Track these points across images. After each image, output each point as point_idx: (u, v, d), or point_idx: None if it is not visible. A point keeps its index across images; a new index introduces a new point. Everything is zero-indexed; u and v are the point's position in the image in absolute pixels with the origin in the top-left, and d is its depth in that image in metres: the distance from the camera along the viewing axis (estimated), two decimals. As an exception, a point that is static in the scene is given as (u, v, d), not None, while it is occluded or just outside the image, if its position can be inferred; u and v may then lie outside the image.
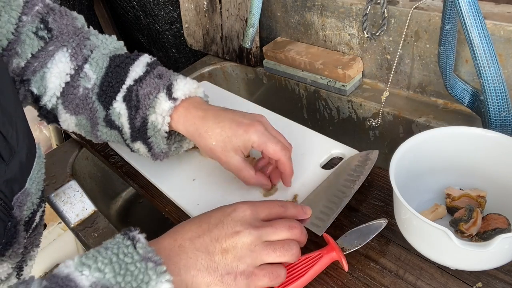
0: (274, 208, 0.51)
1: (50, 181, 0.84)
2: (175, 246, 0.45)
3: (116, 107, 0.60)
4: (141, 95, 0.59)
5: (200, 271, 0.44)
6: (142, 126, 0.60)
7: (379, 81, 0.89)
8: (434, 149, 0.56)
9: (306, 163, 0.66)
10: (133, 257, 0.40)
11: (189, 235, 0.46)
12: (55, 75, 0.60)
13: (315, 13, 0.90)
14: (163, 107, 0.58)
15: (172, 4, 1.24)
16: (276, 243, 0.47)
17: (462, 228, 0.51)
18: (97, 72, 0.61)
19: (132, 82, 0.60)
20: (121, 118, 0.61)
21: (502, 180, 0.53)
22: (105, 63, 0.62)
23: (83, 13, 1.28)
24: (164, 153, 0.63)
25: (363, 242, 0.53)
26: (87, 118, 0.63)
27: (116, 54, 0.63)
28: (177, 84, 0.60)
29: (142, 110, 0.59)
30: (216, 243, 0.45)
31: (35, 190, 0.54)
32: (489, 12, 0.68)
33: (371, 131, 0.90)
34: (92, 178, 0.96)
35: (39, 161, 0.54)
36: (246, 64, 1.08)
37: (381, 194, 0.60)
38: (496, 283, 0.47)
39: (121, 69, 0.61)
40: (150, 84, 0.59)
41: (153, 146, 0.62)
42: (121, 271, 0.39)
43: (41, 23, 0.58)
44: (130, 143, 0.63)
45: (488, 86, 0.60)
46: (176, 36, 1.29)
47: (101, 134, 0.64)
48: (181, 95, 0.59)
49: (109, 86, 0.61)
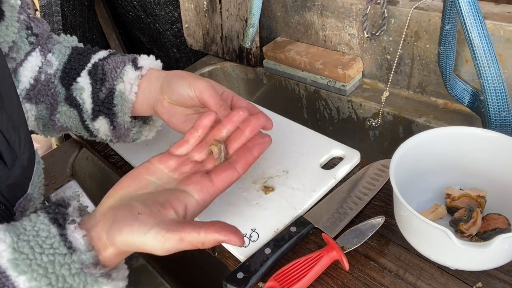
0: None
1: (50, 181, 0.84)
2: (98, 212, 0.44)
3: (80, 81, 0.62)
4: (107, 69, 0.61)
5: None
6: (108, 97, 0.61)
7: (379, 81, 0.89)
8: (434, 149, 0.56)
9: (306, 163, 0.66)
10: (70, 269, 0.39)
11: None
12: (28, 69, 0.62)
13: (315, 13, 0.90)
14: (130, 76, 0.60)
15: (172, 4, 1.24)
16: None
17: (462, 228, 0.51)
18: (59, 59, 0.64)
19: (97, 60, 0.63)
20: (83, 93, 0.62)
21: (502, 180, 0.53)
22: (68, 51, 0.65)
23: (84, 13, 1.29)
24: (126, 128, 0.63)
25: (362, 240, 0.53)
26: (47, 107, 0.63)
27: (78, 46, 0.67)
28: (141, 58, 0.63)
29: (108, 82, 0.61)
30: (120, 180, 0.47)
31: (38, 195, 0.54)
32: (489, 12, 0.68)
33: (371, 131, 0.90)
34: (92, 178, 0.96)
35: (38, 166, 0.55)
36: (246, 64, 1.08)
37: (381, 194, 0.60)
38: (496, 283, 0.47)
39: (83, 56, 0.64)
40: (115, 60, 0.62)
41: (117, 115, 0.61)
42: (58, 284, 0.38)
43: (28, 29, 0.62)
44: (90, 123, 0.63)
45: (488, 86, 0.60)
46: (176, 36, 1.29)
47: (59, 117, 0.64)
48: (146, 64, 0.62)
49: (71, 69, 0.63)
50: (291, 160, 0.67)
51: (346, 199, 0.59)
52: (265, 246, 0.54)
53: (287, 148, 0.69)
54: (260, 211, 0.60)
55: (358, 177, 0.63)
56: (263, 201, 0.62)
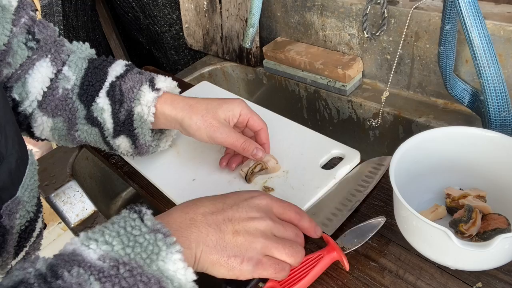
0: (289, 211, 0.50)
1: (50, 181, 0.84)
2: (186, 219, 0.44)
3: (100, 102, 0.62)
4: (124, 89, 0.62)
5: (209, 247, 0.43)
6: (128, 119, 0.62)
7: (379, 81, 0.89)
8: (434, 149, 0.56)
9: (306, 163, 0.66)
10: (141, 229, 0.40)
11: (202, 210, 0.45)
12: (37, 80, 0.61)
13: (315, 13, 0.90)
14: (148, 98, 0.61)
15: (171, 6, 1.24)
16: (286, 241, 0.47)
17: (462, 229, 0.51)
18: (76, 73, 0.63)
19: (114, 79, 0.63)
20: (104, 113, 0.62)
21: (502, 180, 0.53)
22: (84, 64, 0.64)
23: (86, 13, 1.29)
24: (147, 146, 0.65)
25: (362, 241, 0.53)
26: (65, 120, 0.63)
27: (93, 58, 0.66)
28: (158, 78, 0.64)
29: (126, 103, 0.61)
30: (229, 223, 0.45)
31: (28, 198, 0.53)
32: (489, 12, 0.68)
33: (371, 131, 0.90)
34: (92, 178, 0.96)
35: (31, 168, 0.53)
36: (246, 64, 1.08)
37: (381, 194, 0.60)
38: (496, 283, 0.47)
39: (100, 70, 0.64)
40: (132, 79, 0.62)
41: (138, 137, 0.63)
42: (129, 243, 0.39)
43: (29, 34, 0.60)
44: (111, 139, 0.64)
45: (488, 86, 0.60)
46: (175, 38, 1.29)
47: (80, 134, 0.64)
48: (163, 86, 0.63)
49: (89, 85, 0.63)
50: (291, 160, 0.67)
51: (341, 198, 0.60)
52: None
53: (287, 148, 0.69)
54: (260, 211, 0.60)
55: (353, 175, 0.63)
56: (263, 201, 0.62)
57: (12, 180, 0.49)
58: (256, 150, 0.62)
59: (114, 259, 0.37)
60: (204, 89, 0.90)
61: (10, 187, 0.49)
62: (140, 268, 0.38)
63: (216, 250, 0.43)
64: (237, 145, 0.61)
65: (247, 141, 0.61)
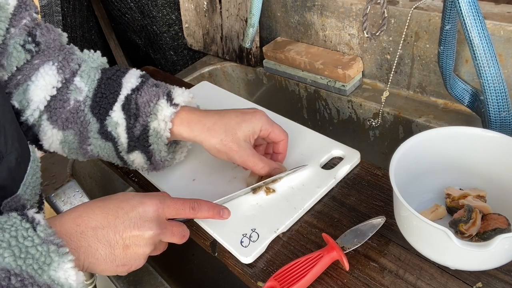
0: (183, 211, 0.52)
1: (50, 181, 0.84)
2: (77, 232, 0.45)
3: (114, 116, 0.60)
4: (140, 103, 0.60)
5: (98, 260, 0.45)
6: (143, 134, 0.60)
7: (379, 81, 0.89)
8: (434, 149, 0.56)
9: (306, 163, 0.66)
10: (33, 240, 0.40)
11: (93, 224, 0.46)
12: (41, 88, 0.58)
13: (315, 13, 0.90)
14: (165, 113, 0.59)
15: (170, 6, 1.24)
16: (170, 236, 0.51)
17: (462, 229, 0.51)
18: (89, 84, 0.61)
19: (129, 91, 0.61)
20: (118, 128, 0.60)
21: (502, 180, 0.53)
22: (97, 75, 0.62)
23: (83, 13, 1.29)
24: (163, 161, 0.63)
25: (362, 241, 0.53)
26: (76, 133, 0.61)
27: (105, 67, 0.64)
28: (176, 92, 0.62)
29: (142, 118, 0.59)
30: (120, 238, 0.46)
31: (30, 196, 0.52)
32: (489, 12, 0.68)
33: (371, 131, 0.90)
34: (92, 178, 0.96)
35: (33, 165, 0.53)
36: (246, 64, 1.08)
37: (381, 194, 0.60)
38: (496, 283, 0.47)
39: (113, 81, 0.61)
40: (148, 92, 0.60)
41: (154, 153, 0.61)
42: (21, 255, 0.39)
43: (29, 36, 0.57)
44: (125, 155, 0.62)
45: (488, 86, 0.60)
46: (174, 38, 1.29)
47: (92, 148, 0.62)
48: (181, 101, 0.61)
49: (103, 97, 0.60)
50: (291, 160, 0.67)
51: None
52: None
53: (287, 148, 0.69)
54: (260, 211, 0.60)
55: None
56: (263, 201, 0.62)
57: (12, 178, 0.49)
58: (274, 171, 0.62)
59: (5, 270, 0.38)
60: (204, 89, 0.90)
61: (11, 185, 0.49)
62: (31, 278, 0.39)
63: (105, 262, 0.46)
64: (255, 169, 0.61)
65: (266, 166, 0.61)
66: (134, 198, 0.49)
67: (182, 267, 0.92)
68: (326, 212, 0.60)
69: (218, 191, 0.65)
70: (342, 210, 0.59)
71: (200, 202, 0.54)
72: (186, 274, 0.92)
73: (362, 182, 0.63)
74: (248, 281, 0.55)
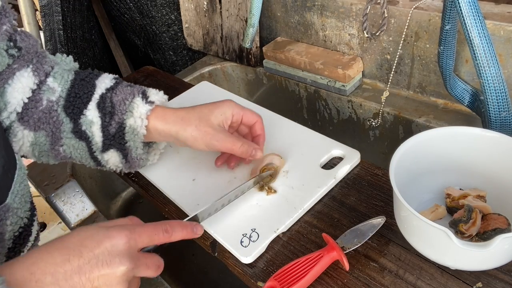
0: (156, 236, 0.47)
1: (50, 181, 0.84)
2: (31, 281, 0.38)
3: (89, 115, 0.60)
4: (115, 101, 0.61)
5: None
6: (119, 132, 0.60)
7: (379, 81, 0.89)
8: (434, 149, 0.56)
9: (306, 163, 0.66)
10: None
11: (52, 270, 0.39)
12: (18, 90, 0.57)
13: (315, 13, 0.91)
14: (141, 110, 0.60)
15: (169, 6, 1.24)
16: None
17: (462, 229, 0.51)
18: (62, 85, 0.61)
19: (104, 91, 0.62)
20: (92, 126, 0.60)
21: (502, 180, 0.53)
22: (70, 76, 0.62)
23: (83, 13, 1.29)
24: (139, 159, 0.64)
25: (362, 241, 0.53)
26: (48, 134, 0.60)
27: (78, 70, 0.65)
28: (150, 91, 0.63)
29: (117, 116, 0.60)
30: (86, 280, 0.40)
31: (20, 204, 0.51)
32: (489, 12, 0.68)
33: (371, 131, 0.90)
34: (92, 178, 0.96)
35: (20, 173, 0.51)
36: (246, 64, 1.08)
37: (381, 194, 0.60)
38: (496, 283, 0.47)
39: (87, 82, 0.62)
40: (123, 91, 0.61)
41: (130, 151, 0.62)
42: None
43: (10, 41, 0.56)
44: (99, 154, 0.62)
45: (488, 86, 0.60)
46: (173, 38, 1.29)
47: (65, 149, 0.61)
48: (156, 99, 0.62)
49: (76, 97, 0.61)
50: (291, 160, 0.67)
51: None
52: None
53: (287, 148, 0.69)
54: (260, 211, 0.60)
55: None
56: (263, 201, 0.62)
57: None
58: (255, 151, 0.62)
59: None
60: (204, 89, 0.90)
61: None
62: None
63: None
64: (234, 149, 0.61)
65: (244, 144, 0.61)
66: (99, 232, 0.43)
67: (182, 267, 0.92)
68: (326, 212, 0.60)
69: (218, 191, 0.65)
70: (342, 210, 0.59)
71: (172, 223, 0.49)
72: (186, 274, 0.92)
73: (362, 182, 0.63)
74: (248, 281, 0.55)
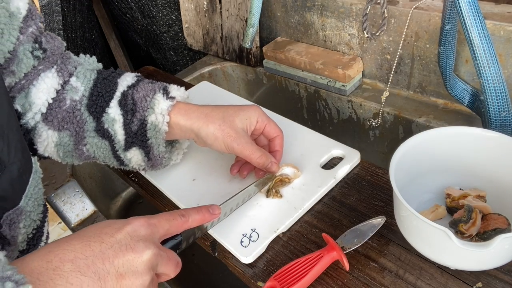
0: (175, 220, 0.45)
1: (50, 181, 0.84)
2: (48, 269, 0.36)
3: (111, 113, 0.60)
4: (137, 98, 0.60)
5: None
6: (141, 129, 0.60)
7: (379, 81, 0.89)
8: (434, 149, 0.56)
9: (306, 163, 0.66)
10: None
11: (72, 256, 0.37)
12: (42, 91, 0.58)
13: (315, 13, 0.90)
14: (162, 106, 0.60)
15: (170, 6, 1.24)
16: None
17: (462, 229, 0.51)
18: (85, 84, 0.61)
19: (125, 88, 0.62)
20: (115, 124, 0.60)
21: (502, 180, 0.53)
22: (93, 75, 0.63)
23: (83, 13, 1.29)
24: (161, 158, 0.63)
25: (362, 241, 0.53)
26: (72, 134, 0.61)
27: (101, 69, 0.65)
28: (171, 87, 0.62)
29: (139, 113, 0.60)
30: (111, 266, 0.37)
31: (33, 207, 0.50)
32: (489, 12, 0.68)
33: (371, 131, 0.90)
34: (92, 178, 0.96)
35: (35, 177, 0.51)
36: (246, 64, 1.08)
37: (381, 194, 0.60)
38: (496, 283, 0.47)
39: (109, 81, 0.62)
40: (145, 88, 0.61)
41: (152, 148, 0.61)
42: None
43: (35, 43, 0.57)
44: (122, 153, 0.62)
45: (488, 86, 0.60)
46: (174, 38, 1.29)
47: (88, 148, 0.62)
48: (177, 95, 0.61)
49: (99, 95, 0.61)
50: (291, 160, 0.67)
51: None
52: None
53: (287, 148, 0.69)
54: (261, 211, 0.60)
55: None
56: (263, 202, 0.62)
57: (14, 189, 0.47)
58: (271, 164, 0.61)
59: None
60: (204, 89, 0.90)
61: (12, 196, 0.47)
62: None
63: None
64: (252, 158, 0.59)
65: (263, 155, 0.60)
66: (117, 221, 0.41)
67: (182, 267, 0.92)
68: (326, 212, 0.60)
69: (218, 191, 0.65)
70: (342, 210, 0.59)
71: (186, 209, 0.48)
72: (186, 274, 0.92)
73: (362, 182, 0.63)
74: (248, 281, 0.55)
